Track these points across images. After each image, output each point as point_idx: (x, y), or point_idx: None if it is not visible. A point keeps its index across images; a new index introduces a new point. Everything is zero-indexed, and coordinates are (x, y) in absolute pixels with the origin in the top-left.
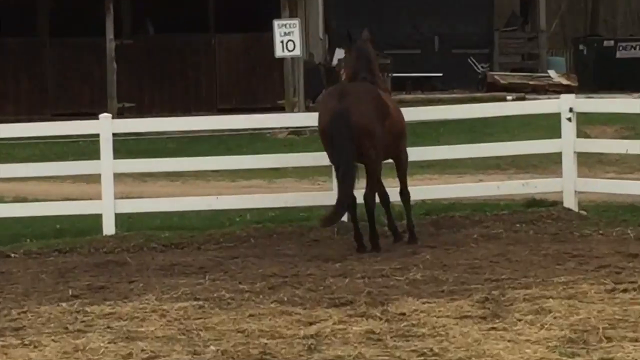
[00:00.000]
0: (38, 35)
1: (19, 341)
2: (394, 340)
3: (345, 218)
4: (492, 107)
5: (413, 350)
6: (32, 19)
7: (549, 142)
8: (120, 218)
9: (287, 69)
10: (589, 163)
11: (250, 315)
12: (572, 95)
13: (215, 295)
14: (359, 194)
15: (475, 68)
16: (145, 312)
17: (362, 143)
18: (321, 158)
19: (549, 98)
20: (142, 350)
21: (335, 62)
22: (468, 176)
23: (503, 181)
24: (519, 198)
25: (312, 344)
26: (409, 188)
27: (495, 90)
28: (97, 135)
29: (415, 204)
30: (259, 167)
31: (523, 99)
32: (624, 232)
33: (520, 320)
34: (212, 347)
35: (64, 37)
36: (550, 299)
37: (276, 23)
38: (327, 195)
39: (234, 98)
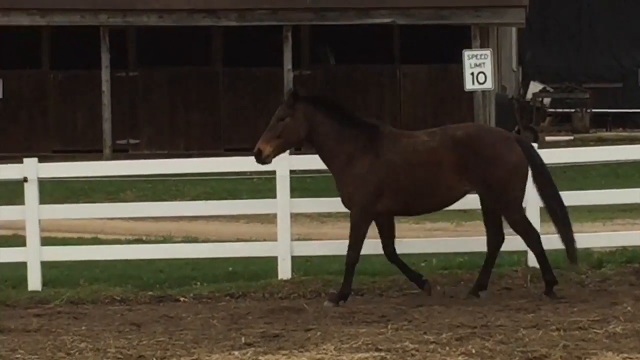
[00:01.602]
0: (211, 64)
1: None
2: None
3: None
4: None
5: None
6: (206, 47)
7: None
8: (296, 261)
9: (477, 103)
10: None
11: None
12: None
13: (398, 345)
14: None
15: None
16: None
17: None
18: None
19: None
20: None
21: (529, 96)
22: None
23: None
24: None
25: None
26: (606, 233)
27: None
28: (273, 172)
29: (616, 251)
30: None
31: None
32: None
33: None
34: None
35: (239, 66)
36: None
37: (466, 54)
38: (519, 239)
39: None
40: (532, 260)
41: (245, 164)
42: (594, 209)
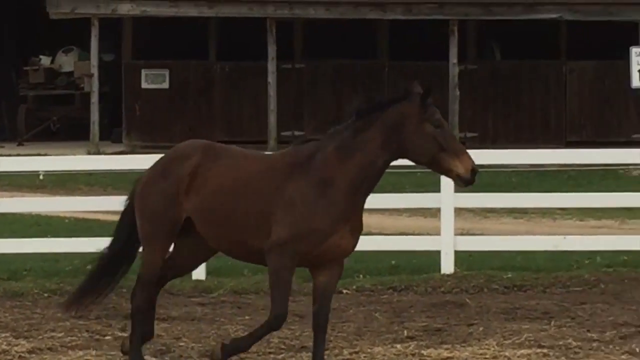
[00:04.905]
0: (377, 57)
1: None
2: None
3: None
4: None
5: None
6: (372, 40)
7: None
8: (459, 256)
9: None
10: None
11: None
12: None
13: (561, 343)
14: None
15: None
16: (485, 357)
17: None
18: None
19: None
20: None
21: None
22: None
23: None
24: None
25: None
26: None
27: None
28: None
29: None
30: (610, 206)
31: None
32: None
33: None
34: None
35: (404, 59)
36: None
37: (634, 50)
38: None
39: (584, 130)
40: None
41: None
42: None
